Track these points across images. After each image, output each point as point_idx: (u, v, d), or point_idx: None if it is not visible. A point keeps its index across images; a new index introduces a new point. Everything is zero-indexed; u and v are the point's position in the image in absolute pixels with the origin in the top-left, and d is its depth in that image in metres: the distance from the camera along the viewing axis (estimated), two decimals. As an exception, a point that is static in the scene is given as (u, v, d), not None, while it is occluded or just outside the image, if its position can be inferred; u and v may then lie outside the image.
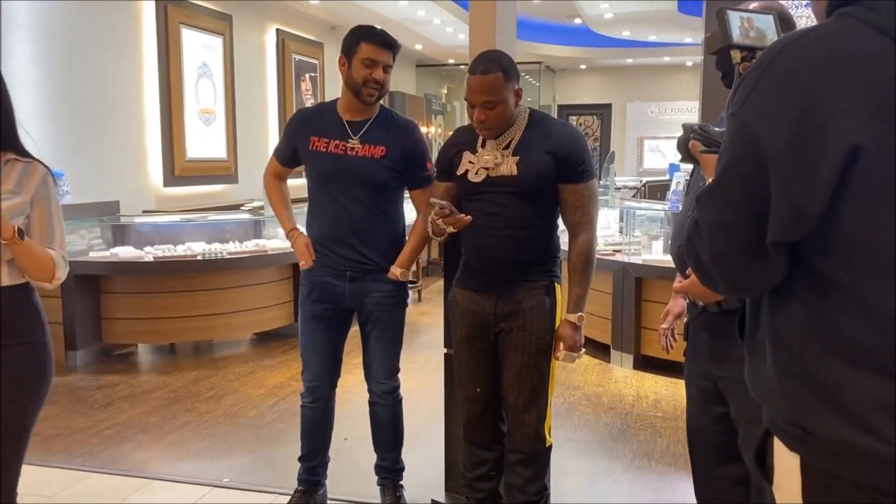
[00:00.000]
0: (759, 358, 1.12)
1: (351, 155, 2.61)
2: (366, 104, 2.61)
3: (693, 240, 1.13)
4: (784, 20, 1.91)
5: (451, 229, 2.30)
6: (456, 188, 2.44)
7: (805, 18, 6.07)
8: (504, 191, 2.31)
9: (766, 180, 1.00)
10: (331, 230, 2.67)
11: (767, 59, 1.02)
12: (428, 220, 2.36)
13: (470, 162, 2.37)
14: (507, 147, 2.33)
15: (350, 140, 2.62)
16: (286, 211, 2.83)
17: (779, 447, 1.08)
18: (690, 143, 1.40)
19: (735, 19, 1.48)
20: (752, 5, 1.89)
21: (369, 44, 2.56)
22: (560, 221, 2.43)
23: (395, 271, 2.67)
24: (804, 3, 6.11)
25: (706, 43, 1.59)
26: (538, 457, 2.42)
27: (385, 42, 2.58)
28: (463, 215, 2.26)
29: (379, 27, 2.63)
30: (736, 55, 1.45)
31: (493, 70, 2.24)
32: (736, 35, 1.47)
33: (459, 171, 2.38)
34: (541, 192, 2.33)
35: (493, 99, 2.24)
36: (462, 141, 2.45)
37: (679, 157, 1.48)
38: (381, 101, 2.72)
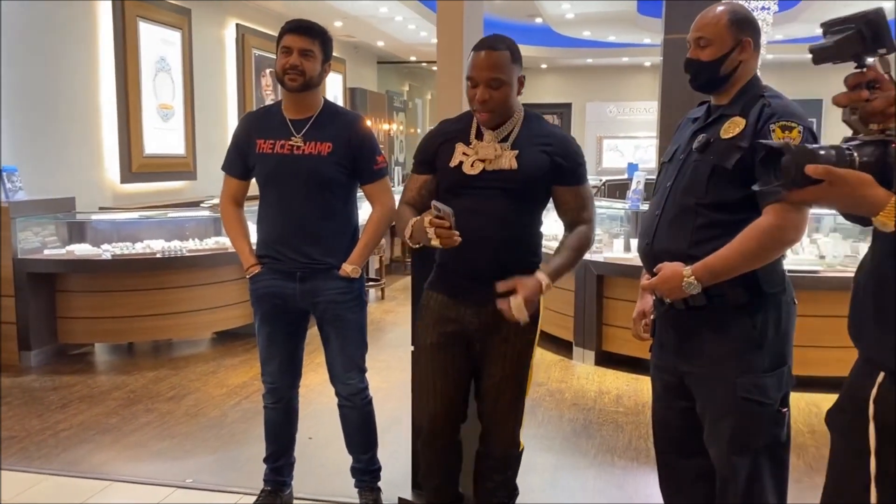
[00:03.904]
0: None
1: (297, 154, 2.55)
2: (291, 91, 2.55)
3: None
4: (745, 21, 1.95)
5: (436, 243, 2.03)
6: (435, 183, 2.29)
7: (761, 22, 6.23)
8: (499, 186, 2.18)
9: None
10: (280, 232, 2.62)
11: None
12: (409, 224, 2.13)
13: (464, 153, 2.21)
14: (504, 140, 2.20)
15: (293, 138, 2.56)
16: (245, 243, 2.70)
17: None
18: (809, 167, 1.29)
19: None
20: (719, 8, 1.93)
21: (285, 32, 2.56)
22: (543, 228, 2.33)
23: (346, 268, 2.61)
24: (761, 5, 6.27)
25: (836, 48, 1.41)
26: (512, 461, 2.41)
27: (298, 27, 2.55)
28: (457, 235, 2.01)
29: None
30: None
31: (500, 47, 2.13)
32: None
33: (452, 163, 2.22)
34: (535, 191, 2.24)
35: (499, 77, 2.11)
36: (451, 130, 2.29)
37: (777, 181, 1.33)
38: (324, 96, 2.67)
